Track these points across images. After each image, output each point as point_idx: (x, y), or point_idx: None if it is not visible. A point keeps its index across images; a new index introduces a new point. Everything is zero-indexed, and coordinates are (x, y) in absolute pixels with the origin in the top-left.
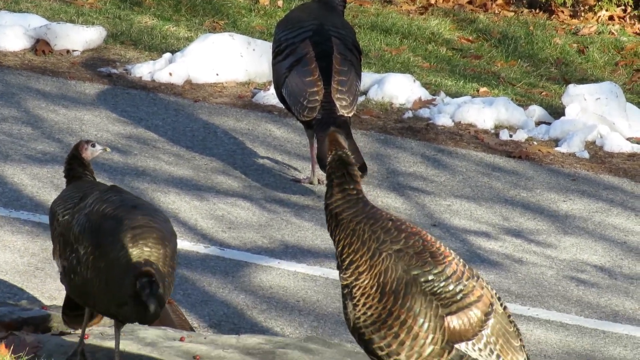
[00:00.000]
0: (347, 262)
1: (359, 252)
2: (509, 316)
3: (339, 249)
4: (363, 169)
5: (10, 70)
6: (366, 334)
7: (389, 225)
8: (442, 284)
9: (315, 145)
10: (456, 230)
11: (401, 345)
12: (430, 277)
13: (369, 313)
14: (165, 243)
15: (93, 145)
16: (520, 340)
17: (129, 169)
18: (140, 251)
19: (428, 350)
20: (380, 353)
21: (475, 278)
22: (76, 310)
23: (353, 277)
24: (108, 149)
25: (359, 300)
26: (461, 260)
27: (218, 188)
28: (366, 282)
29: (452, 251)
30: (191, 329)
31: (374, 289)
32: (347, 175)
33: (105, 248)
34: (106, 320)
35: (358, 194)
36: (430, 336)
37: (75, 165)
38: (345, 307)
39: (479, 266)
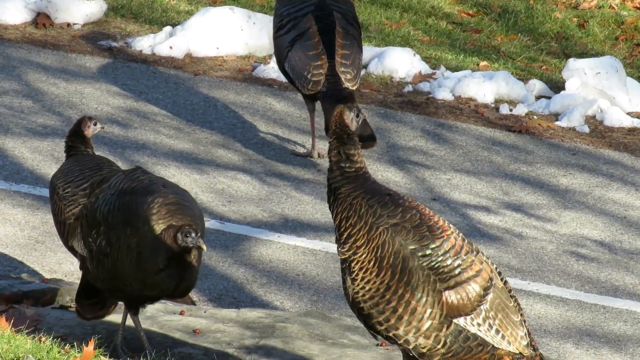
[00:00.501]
0: (344, 236)
1: (356, 226)
2: (510, 291)
3: (337, 222)
4: (372, 138)
5: (11, 44)
6: (365, 308)
7: (386, 199)
8: (439, 259)
9: (316, 119)
10: (456, 205)
11: (399, 320)
12: (427, 252)
13: (367, 287)
14: (197, 222)
15: (95, 124)
16: (521, 315)
17: (129, 142)
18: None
19: (426, 324)
20: (379, 328)
21: (475, 252)
22: (91, 298)
23: (351, 252)
24: (105, 127)
25: (357, 275)
26: (460, 234)
27: (218, 162)
28: (364, 256)
29: (451, 225)
30: (192, 303)
31: (372, 263)
32: (343, 154)
33: (137, 224)
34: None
35: (357, 171)
36: (428, 311)
37: (77, 142)
38: (344, 281)
39: (479, 240)
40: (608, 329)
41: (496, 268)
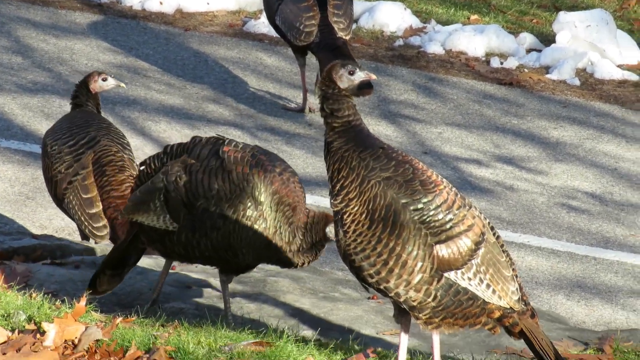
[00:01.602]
0: (337, 187)
1: (348, 178)
2: (502, 246)
3: (329, 174)
4: (367, 86)
5: (0, 0)
6: (356, 261)
7: (379, 152)
8: (431, 213)
9: (307, 73)
10: (447, 158)
11: (390, 273)
12: (419, 206)
13: (358, 240)
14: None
15: (104, 80)
16: (513, 270)
17: (119, 98)
18: (298, 193)
19: (417, 278)
20: (370, 280)
21: (467, 207)
22: (117, 269)
23: (343, 204)
24: (122, 84)
25: (349, 227)
26: (453, 188)
27: (209, 117)
28: (356, 208)
29: (444, 180)
30: None
31: (364, 215)
32: (327, 109)
33: (259, 198)
34: (97, 250)
35: (344, 125)
36: (419, 264)
37: (81, 94)
38: (336, 234)
39: (470, 193)
40: (599, 280)
41: (489, 223)
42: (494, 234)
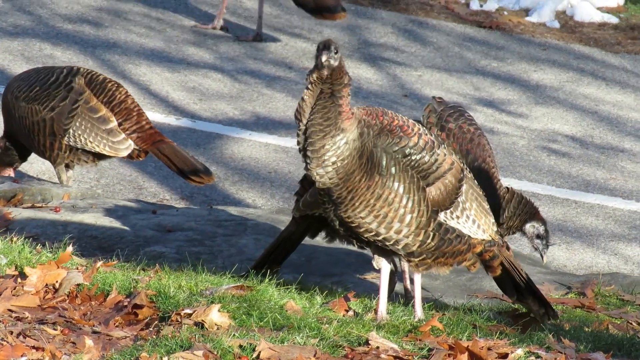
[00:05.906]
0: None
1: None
2: (474, 179)
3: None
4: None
5: None
6: (355, 221)
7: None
8: (418, 156)
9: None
10: (427, 101)
11: (390, 223)
12: (407, 151)
13: (357, 204)
14: None
15: None
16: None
17: (100, 41)
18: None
19: (414, 223)
20: (367, 235)
21: (442, 145)
22: (282, 263)
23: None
24: None
25: (353, 205)
26: (423, 128)
27: (189, 60)
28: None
29: (412, 121)
30: (204, 168)
31: (364, 177)
32: None
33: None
34: (77, 194)
35: None
36: (417, 209)
37: None
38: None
39: None
40: (580, 223)
41: (459, 158)
42: (465, 168)
